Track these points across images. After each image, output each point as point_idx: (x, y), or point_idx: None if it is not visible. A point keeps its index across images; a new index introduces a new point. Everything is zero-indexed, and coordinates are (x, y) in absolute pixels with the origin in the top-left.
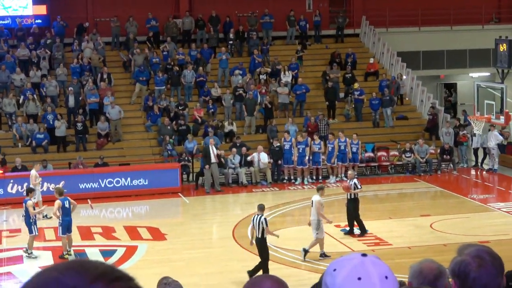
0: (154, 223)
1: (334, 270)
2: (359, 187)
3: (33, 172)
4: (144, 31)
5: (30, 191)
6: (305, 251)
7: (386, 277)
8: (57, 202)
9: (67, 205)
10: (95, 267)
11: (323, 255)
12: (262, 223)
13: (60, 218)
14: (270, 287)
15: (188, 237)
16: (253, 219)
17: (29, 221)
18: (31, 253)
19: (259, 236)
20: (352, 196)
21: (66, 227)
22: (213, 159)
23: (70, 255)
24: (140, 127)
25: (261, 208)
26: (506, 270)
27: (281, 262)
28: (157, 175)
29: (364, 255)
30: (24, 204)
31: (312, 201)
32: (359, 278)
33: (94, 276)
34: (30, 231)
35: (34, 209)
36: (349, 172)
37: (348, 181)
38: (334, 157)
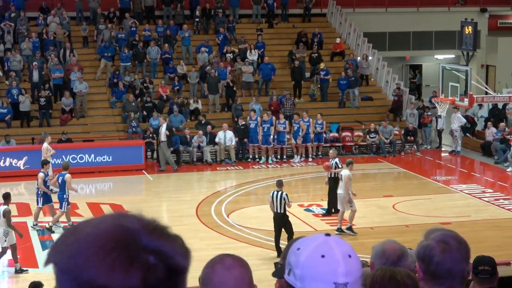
0: (117, 200)
1: (298, 249)
2: (340, 166)
3: (45, 145)
4: (110, 6)
5: (45, 163)
6: (341, 230)
7: (350, 256)
8: (68, 176)
9: (59, 181)
10: (149, 219)
11: (350, 229)
12: (284, 199)
13: (67, 193)
14: (232, 261)
15: (151, 215)
16: (272, 195)
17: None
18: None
19: (281, 211)
20: (333, 175)
21: (60, 201)
22: (162, 138)
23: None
24: (105, 103)
25: (280, 183)
26: (477, 254)
27: (245, 240)
28: (121, 152)
29: (327, 234)
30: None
31: (341, 175)
32: (323, 256)
33: (153, 227)
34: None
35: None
36: (331, 151)
37: (330, 160)
38: (300, 136)
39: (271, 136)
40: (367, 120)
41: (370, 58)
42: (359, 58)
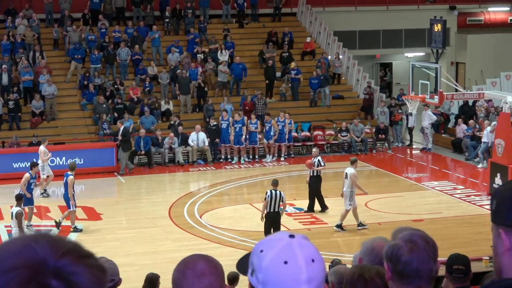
0: (89, 203)
1: (261, 251)
2: (322, 164)
3: (42, 148)
4: (80, 8)
5: (33, 165)
6: (338, 226)
7: (313, 260)
8: (71, 178)
9: (64, 181)
10: (66, 242)
11: (361, 225)
12: (283, 198)
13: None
14: (203, 266)
15: (124, 217)
16: (270, 194)
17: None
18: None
19: (276, 210)
20: (315, 173)
21: (66, 202)
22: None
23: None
24: (75, 106)
25: (277, 183)
26: (449, 251)
27: (217, 241)
28: (93, 154)
29: (291, 236)
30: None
31: (345, 173)
32: (286, 262)
33: (64, 251)
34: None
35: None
36: (313, 149)
37: (312, 158)
38: (275, 137)
39: (243, 136)
40: (339, 119)
41: (341, 56)
42: (330, 56)
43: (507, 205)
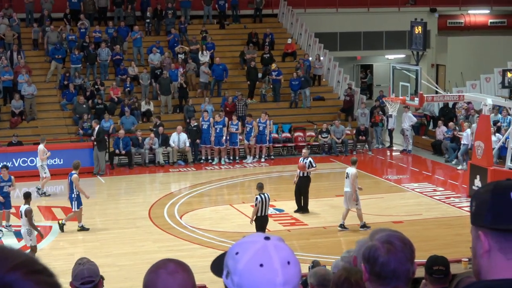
0: (69, 203)
1: (237, 253)
2: (313, 165)
3: (41, 147)
4: (62, 8)
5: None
6: (342, 226)
7: (289, 262)
8: (75, 177)
9: (68, 181)
10: (17, 256)
11: (364, 226)
12: (269, 201)
13: (75, 193)
14: (175, 266)
15: (103, 218)
16: (261, 199)
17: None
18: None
19: (266, 214)
20: (305, 174)
21: (70, 202)
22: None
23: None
24: (55, 106)
25: (261, 186)
26: (429, 252)
27: (198, 242)
28: (72, 154)
29: (267, 238)
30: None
31: (347, 173)
32: (261, 265)
33: (13, 265)
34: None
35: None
36: (304, 150)
37: (303, 159)
38: (253, 136)
39: (224, 137)
40: (319, 120)
41: (321, 58)
42: (310, 58)
43: (486, 207)
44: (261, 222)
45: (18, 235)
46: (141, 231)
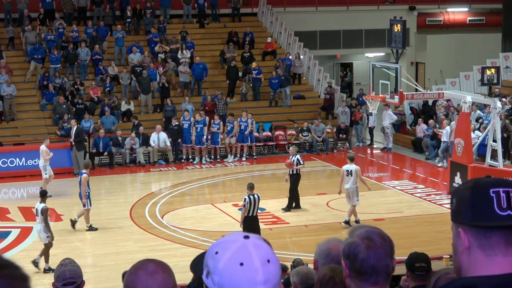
0: (49, 204)
1: (216, 253)
2: (301, 162)
3: (43, 148)
4: (37, 8)
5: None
6: (347, 222)
7: (268, 261)
8: (84, 176)
9: (79, 180)
10: None
11: (347, 223)
12: (259, 200)
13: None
14: (154, 266)
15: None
16: (250, 199)
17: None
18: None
19: (254, 214)
20: (294, 172)
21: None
22: (73, 141)
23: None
24: (35, 106)
25: (252, 187)
26: (410, 250)
27: (179, 242)
28: (53, 154)
29: (246, 236)
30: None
31: (348, 170)
32: (241, 264)
33: None
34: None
35: None
36: (291, 148)
37: (291, 157)
38: (232, 135)
39: (205, 137)
40: (300, 119)
41: (301, 57)
42: (290, 56)
43: (466, 204)
44: (249, 222)
45: None
46: (123, 231)
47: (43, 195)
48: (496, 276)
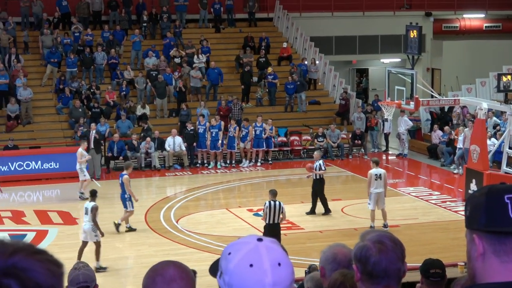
0: (65, 207)
1: (229, 253)
2: (323, 168)
3: (80, 150)
4: (53, 12)
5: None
6: (385, 226)
7: (279, 264)
8: (126, 177)
9: (120, 181)
10: (15, 242)
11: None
12: (282, 209)
13: (127, 193)
14: (173, 273)
15: (100, 222)
16: (269, 205)
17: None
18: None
19: (275, 222)
20: (318, 177)
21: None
22: (91, 145)
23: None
24: (51, 110)
25: (275, 193)
26: (425, 257)
27: (194, 246)
28: (68, 158)
29: (260, 239)
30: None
31: (378, 174)
32: (251, 265)
33: (14, 249)
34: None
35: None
36: (316, 153)
37: (316, 161)
38: (248, 141)
39: (220, 141)
40: (315, 124)
41: (317, 62)
42: (306, 62)
43: (481, 210)
44: (269, 230)
45: None
46: (137, 235)
47: (93, 194)
48: (511, 282)
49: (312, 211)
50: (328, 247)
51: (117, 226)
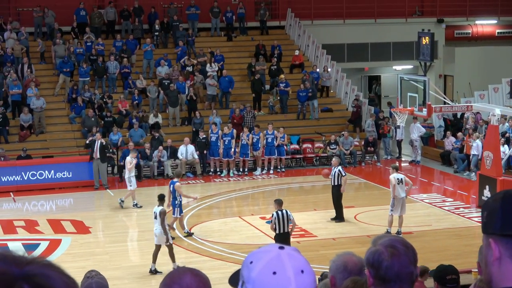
0: (78, 216)
1: (251, 262)
2: (343, 174)
3: (128, 158)
4: (69, 21)
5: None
6: (398, 232)
7: (302, 271)
8: (178, 185)
9: (171, 188)
10: (30, 255)
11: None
12: (291, 217)
13: (178, 200)
14: (190, 281)
15: (113, 230)
16: (277, 216)
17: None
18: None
19: (286, 231)
20: (336, 183)
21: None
22: (97, 155)
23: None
24: (64, 119)
25: (281, 202)
26: (439, 263)
27: (207, 254)
28: (81, 167)
29: (281, 247)
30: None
31: (399, 178)
32: (274, 273)
33: (29, 260)
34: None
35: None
36: (334, 160)
37: (333, 168)
38: (260, 148)
39: (232, 149)
40: (327, 132)
41: (329, 69)
42: (318, 69)
43: (497, 214)
44: (279, 240)
45: None
46: (151, 244)
47: (161, 198)
48: None
49: (337, 218)
50: (337, 256)
51: (189, 234)
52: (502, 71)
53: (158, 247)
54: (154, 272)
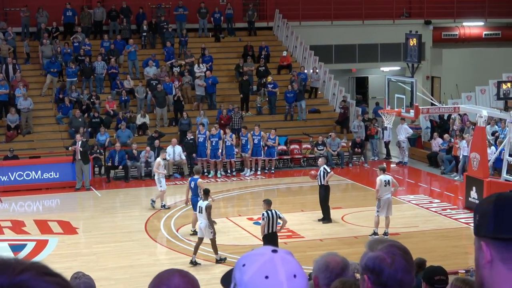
0: (65, 217)
1: (244, 265)
2: (328, 170)
3: (158, 160)
4: (56, 22)
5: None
6: (385, 233)
7: (295, 276)
8: (200, 181)
9: (191, 185)
10: (23, 261)
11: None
12: (279, 215)
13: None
14: (178, 282)
15: (100, 231)
16: (268, 216)
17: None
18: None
19: (273, 231)
20: (322, 183)
21: (194, 205)
22: (78, 156)
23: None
24: (51, 119)
25: (269, 203)
26: (429, 265)
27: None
28: (68, 168)
29: (274, 250)
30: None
31: (387, 180)
32: (267, 277)
33: (23, 268)
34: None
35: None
36: (320, 160)
37: (320, 168)
38: (250, 150)
39: (220, 150)
40: (315, 133)
41: (317, 70)
42: (306, 70)
43: (489, 217)
44: (269, 239)
45: None
46: (137, 244)
47: (207, 193)
48: None
49: (324, 219)
50: (320, 257)
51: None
52: (489, 73)
53: (200, 240)
54: (194, 263)
